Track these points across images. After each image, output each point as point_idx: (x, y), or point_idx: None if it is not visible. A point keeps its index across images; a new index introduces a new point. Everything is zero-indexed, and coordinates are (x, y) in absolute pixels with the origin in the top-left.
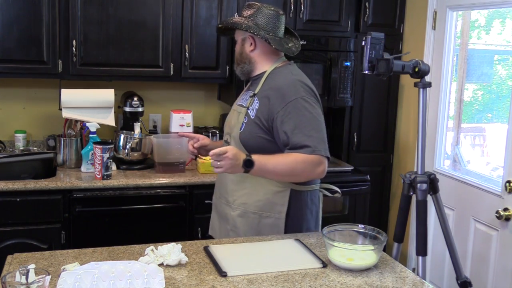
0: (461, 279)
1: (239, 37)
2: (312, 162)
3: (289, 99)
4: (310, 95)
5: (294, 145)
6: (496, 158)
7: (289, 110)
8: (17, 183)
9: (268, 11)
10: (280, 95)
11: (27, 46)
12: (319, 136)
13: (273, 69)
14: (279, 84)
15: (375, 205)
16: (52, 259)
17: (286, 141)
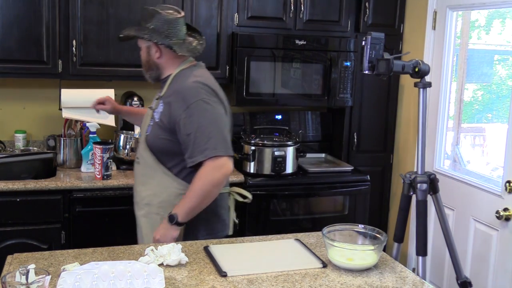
0: (461, 279)
1: (143, 45)
2: (212, 170)
3: (190, 102)
4: (211, 96)
5: (194, 148)
6: (496, 158)
7: (190, 113)
8: (17, 183)
9: (166, 16)
10: (181, 99)
11: (27, 46)
12: (219, 137)
13: (178, 72)
14: (180, 87)
15: (375, 205)
16: (52, 259)
17: (187, 144)
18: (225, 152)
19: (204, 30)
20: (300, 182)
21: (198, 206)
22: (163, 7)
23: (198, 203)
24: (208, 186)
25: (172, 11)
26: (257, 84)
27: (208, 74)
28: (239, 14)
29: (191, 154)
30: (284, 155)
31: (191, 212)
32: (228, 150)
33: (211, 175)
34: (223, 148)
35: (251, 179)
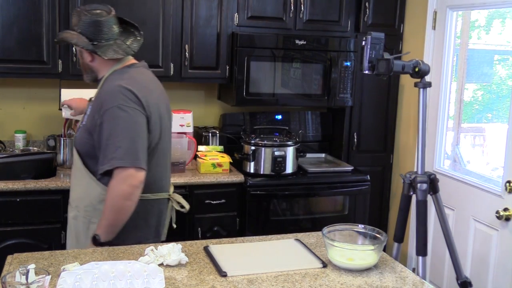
0: (461, 279)
1: (77, 48)
2: (120, 180)
3: (106, 108)
4: (130, 102)
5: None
6: (496, 158)
7: (104, 119)
8: (17, 183)
9: (92, 18)
10: (99, 104)
11: (27, 46)
12: (129, 147)
13: (109, 74)
14: (103, 91)
15: (375, 205)
16: (52, 259)
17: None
18: (131, 163)
19: (204, 30)
20: (300, 182)
21: (115, 222)
22: (92, 7)
23: (113, 219)
24: (117, 200)
25: (100, 11)
26: (257, 84)
27: (140, 76)
28: (239, 14)
29: (101, 161)
30: (284, 155)
31: (111, 229)
32: (136, 161)
33: (117, 187)
34: (130, 159)
35: (251, 179)
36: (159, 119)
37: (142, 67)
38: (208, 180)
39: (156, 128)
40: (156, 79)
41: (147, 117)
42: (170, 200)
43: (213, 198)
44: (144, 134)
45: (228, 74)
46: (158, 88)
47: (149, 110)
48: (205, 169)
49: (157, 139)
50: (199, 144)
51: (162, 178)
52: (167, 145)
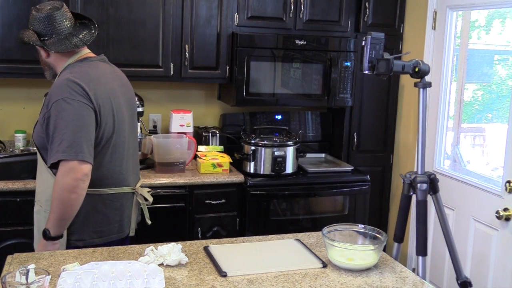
0: (461, 279)
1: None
2: (63, 173)
3: (52, 101)
4: (75, 95)
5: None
6: (496, 158)
7: (50, 112)
8: (17, 183)
9: (40, 14)
10: (48, 97)
11: (27, 46)
12: (72, 140)
13: (64, 68)
14: (53, 84)
15: (375, 205)
16: (52, 259)
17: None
18: (74, 156)
19: (204, 30)
20: (300, 182)
21: (63, 215)
22: (42, 5)
23: (60, 213)
24: (62, 193)
25: (51, 6)
26: (257, 84)
27: (92, 70)
28: (239, 14)
29: (48, 155)
30: (284, 155)
31: (60, 223)
32: (79, 154)
33: (61, 180)
34: (73, 151)
35: (251, 179)
36: (112, 112)
37: (98, 61)
38: (208, 180)
39: (109, 121)
40: (115, 72)
41: (94, 110)
42: (135, 194)
43: (213, 198)
44: (90, 127)
45: (228, 74)
46: (116, 80)
47: (98, 103)
48: (205, 169)
49: (111, 133)
50: (199, 144)
51: (121, 172)
52: (127, 138)
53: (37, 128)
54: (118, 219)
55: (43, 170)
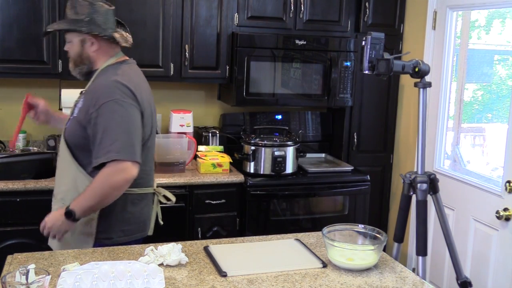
0: (461, 279)
1: (75, 38)
2: (111, 173)
3: (102, 102)
4: (126, 97)
5: (99, 149)
6: (496, 158)
7: (100, 112)
8: (17, 183)
9: (100, 7)
10: (95, 97)
11: (27, 46)
12: (125, 141)
13: (103, 68)
14: (98, 84)
15: (375, 205)
16: (52, 259)
17: (94, 143)
18: (129, 157)
19: (204, 30)
20: (300, 182)
21: (95, 206)
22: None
23: (95, 203)
24: (107, 188)
25: (103, 3)
26: (257, 84)
27: (133, 73)
28: (239, 14)
29: (96, 154)
30: (284, 155)
31: (87, 210)
32: (133, 155)
33: (111, 177)
34: (127, 152)
35: (251, 179)
36: (151, 116)
37: (134, 64)
38: (208, 180)
39: (148, 124)
40: (144, 77)
41: (141, 112)
42: (156, 195)
43: (213, 198)
44: (140, 129)
45: (228, 74)
46: (147, 85)
47: (143, 106)
48: (205, 169)
49: (148, 135)
50: (199, 144)
51: (149, 173)
52: (154, 142)
53: (74, 126)
54: (142, 218)
55: (71, 168)
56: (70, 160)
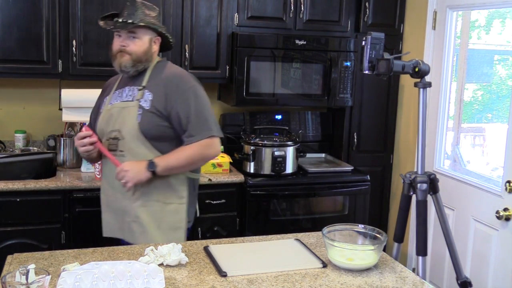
0: (461, 279)
1: (146, 36)
2: (206, 146)
3: (185, 87)
4: (200, 84)
5: (194, 128)
6: (496, 158)
7: (186, 96)
8: (17, 183)
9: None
10: (175, 84)
11: (27, 46)
12: (213, 120)
13: (155, 64)
14: (171, 76)
15: (375, 205)
16: (52, 259)
17: (186, 125)
18: (218, 133)
19: (204, 30)
20: (300, 182)
21: (177, 169)
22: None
23: (181, 166)
24: (197, 156)
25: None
26: (257, 84)
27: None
28: (239, 14)
29: (190, 133)
30: (284, 155)
31: (171, 170)
32: (220, 133)
33: (206, 149)
34: (218, 130)
35: (251, 179)
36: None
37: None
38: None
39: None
40: None
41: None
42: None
43: (213, 198)
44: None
45: (228, 74)
46: None
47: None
48: (205, 169)
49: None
50: None
51: None
52: None
53: (151, 119)
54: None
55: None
56: (147, 154)
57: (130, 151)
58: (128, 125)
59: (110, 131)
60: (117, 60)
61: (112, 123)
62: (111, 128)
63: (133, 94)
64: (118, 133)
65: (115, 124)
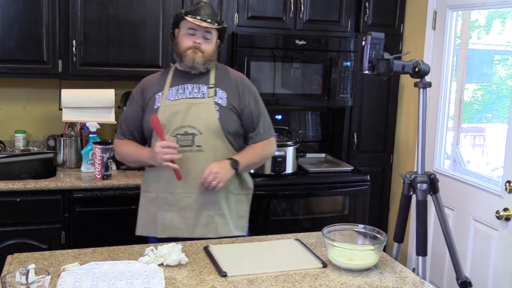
0: (461, 279)
1: (215, 37)
2: (270, 144)
3: (253, 89)
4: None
5: (260, 128)
6: (496, 158)
7: (256, 97)
8: (17, 183)
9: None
10: (246, 85)
11: (27, 46)
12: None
13: (216, 65)
14: (239, 76)
15: (375, 205)
16: (52, 259)
17: (256, 123)
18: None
19: None
20: (300, 182)
21: (253, 165)
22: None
23: (255, 163)
24: (266, 154)
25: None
26: (257, 84)
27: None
28: (239, 14)
29: (259, 131)
30: (284, 155)
31: (248, 167)
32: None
33: (270, 147)
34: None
35: None
36: None
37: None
38: None
39: None
40: None
41: None
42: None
43: None
44: None
45: None
46: None
47: None
48: None
49: None
50: None
51: None
52: None
53: (229, 115)
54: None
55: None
56: (226, 149)
57: (209, 146)
58: (207, 120)
59: (178, 127)
60: (188, 56)
61: (180, 119)
62: (180, 124)
63: (201, 91)
64: (191, 129)
65: (185, 119)
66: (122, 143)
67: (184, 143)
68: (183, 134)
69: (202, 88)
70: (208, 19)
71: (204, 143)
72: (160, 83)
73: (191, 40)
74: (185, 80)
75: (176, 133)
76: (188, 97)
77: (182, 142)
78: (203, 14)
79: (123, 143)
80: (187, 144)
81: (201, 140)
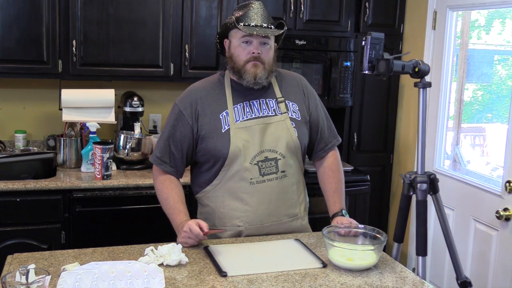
0: (461, 279)
1: (273, 42)
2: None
3: (313, 93)
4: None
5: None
6: (496, 158)
7: (316, 102)
8: (17, 183)
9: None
10: (306, 90)
11: (27, 46)
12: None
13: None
14: (296, 81)
15: (375, 205)
16: (52, 259)
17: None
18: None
19: (204, 30)
20: None
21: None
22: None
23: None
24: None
25: None
26: None
27: None
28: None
29: (328, 140)
30: None
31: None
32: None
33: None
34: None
35: None
36: None
37: None
38: None
39: None
40: None
41: None
42: None
43: None
44: None
45: None
46: None
47: None
48: None
49: None
50: None
51: None
52: None
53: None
54: None
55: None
56: (300, 168)
57: (291, 169)
58: (288, 141)
59: (257, 153)
60: (248, 72)
61: (257, 143)
62: (258, 149)
63: (270, 107)
64: (272, 153)
65: (264, 143)
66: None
67: (268, 170)
68: (264, 161)
69: (270, 103)
70: (264, 23)
71: (287, 167)
72: (219, 100)
73: (248, 50)
74: (249, 94)
75: (257, 161)
76: (259, 116)
77: (265, 170)
78: (257, 18)
79: (165, 182)
80: (271, 172)
81: (284, 164)
